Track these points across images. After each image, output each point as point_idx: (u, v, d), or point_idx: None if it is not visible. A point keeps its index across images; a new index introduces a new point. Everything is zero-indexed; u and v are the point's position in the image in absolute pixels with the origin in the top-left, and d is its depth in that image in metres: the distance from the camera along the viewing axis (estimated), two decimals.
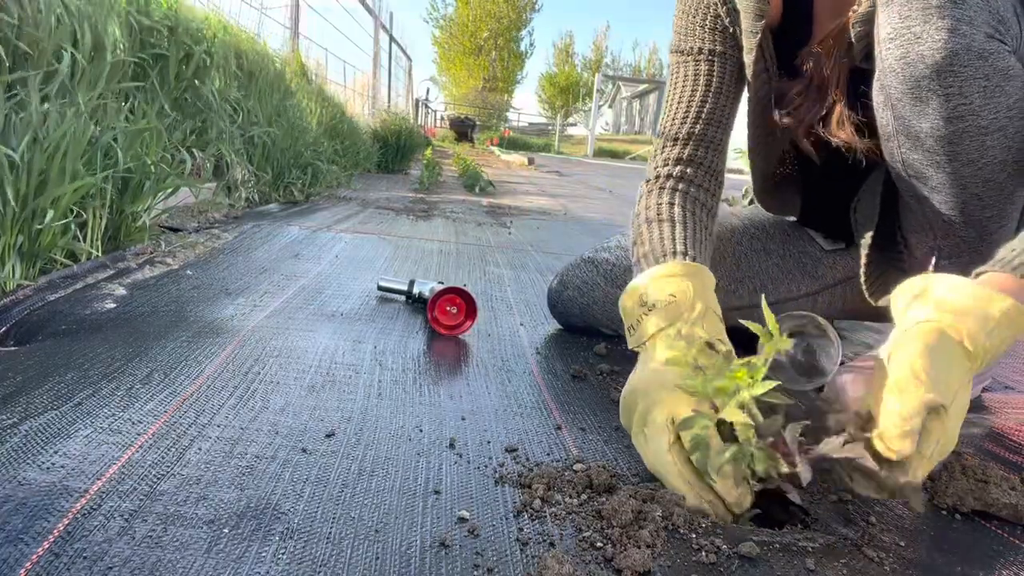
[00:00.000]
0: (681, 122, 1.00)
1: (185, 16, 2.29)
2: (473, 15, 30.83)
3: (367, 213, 2.70)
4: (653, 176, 1.01)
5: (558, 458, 0.73)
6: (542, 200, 4.16)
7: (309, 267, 1.57)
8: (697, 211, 0.96)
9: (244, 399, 0.80)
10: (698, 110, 1.00)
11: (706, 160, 1.00)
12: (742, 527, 0.62)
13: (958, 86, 0.75)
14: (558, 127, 25.40)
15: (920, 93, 0.77)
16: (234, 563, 0.50)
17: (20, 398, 0.73)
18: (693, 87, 1.01)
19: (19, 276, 1.15)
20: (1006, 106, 0.76)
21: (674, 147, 1.01)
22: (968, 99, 0.75)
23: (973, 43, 0.72)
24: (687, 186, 0.98)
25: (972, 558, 0.61)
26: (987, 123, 0.77)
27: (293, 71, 3.95)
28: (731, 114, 1.03)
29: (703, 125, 1.00)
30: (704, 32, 1.00)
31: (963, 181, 0.82)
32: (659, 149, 1.03)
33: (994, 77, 0.74)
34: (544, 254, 2.10)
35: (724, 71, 1.00)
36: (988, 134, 0.77)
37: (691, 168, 0.99)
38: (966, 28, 0.72)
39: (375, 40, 9.36)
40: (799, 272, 1.16)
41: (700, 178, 1.00)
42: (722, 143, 1.02)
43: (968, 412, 0.99)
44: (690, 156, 1.00)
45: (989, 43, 0.73)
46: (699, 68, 1.01)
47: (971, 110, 0.76)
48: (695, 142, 1.00)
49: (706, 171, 1.00)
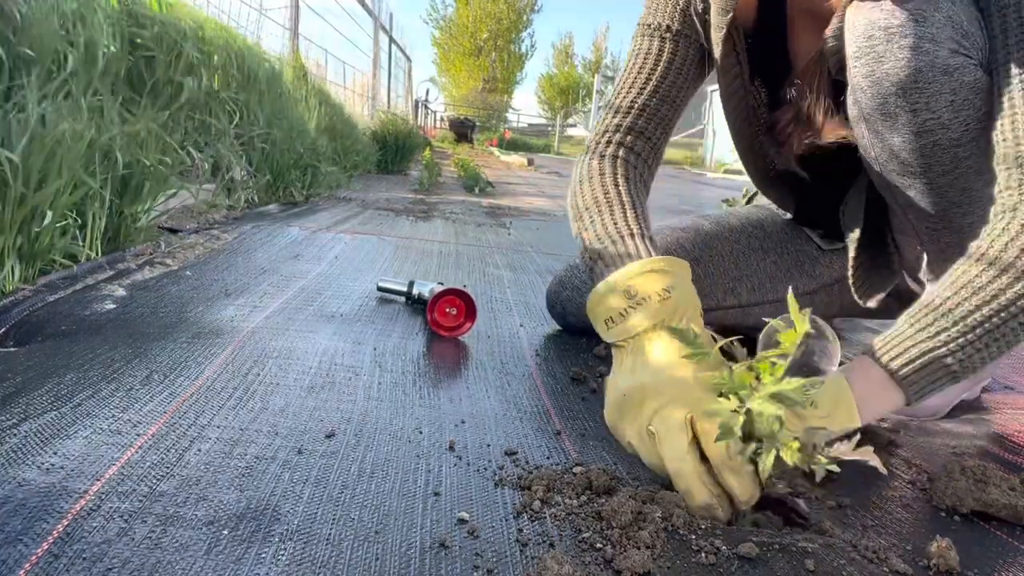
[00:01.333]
0: (636, 93, 0.98)
1: (172, 15, 2.28)
2: (473, 16, 30.84)
3: (367, 214, 2.70)
4: (595, 142, 0.98)
5: (557, 461, 0.73)
6: (542, 201, 4.16)
7: (309, 268, 1.57)
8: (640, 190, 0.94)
9: (244, 400, 0.80)
10: (655, 84, 0.98)
11: (651, 133, 0.98)
12: (742, 528, 0.62)
13: (924, 102, 0.75)
14: (558, 128, 25.42)
15: (888, 109, 0.78)
16: (234, 564, 0.50)
17: (20, 399, 0.73)
18: (654, 61, 0.99)
19: (18, 277, 1.15)
20: (976, 118, 0.76)
21: (623, 116, 0.98)
22: (936, 113, 0.76)
23: (937, 60, 0.73)
24: (627, 154, 0.96)
25: (972, 558, 0.61)
26: (958, 135, 0.77)
27: (293, 72, 3.95)
28: (685, 97, 1.00)
29: (656, 100, 0.98)
30: (675, 12, 0.99)
31: (940, 190, 0.83)
32: (606, 115, 1.00)
33: (961, 91, 0.74)
34: (544, 255, 2.10)
35: (686, 54, 0.99)
36: (960, 146, 0.78)
37: (631, 137, 0.97)
38: (929, 46, 0.72)
39: (375, 41, 9.36)
40: (797, 271, 1.16)
41: (641, 148, 0.97)
42: (670, 122, 1.00)
43: (968, 412, 0.99)
44: (637, 127, 0.97)
45: (953, 58, 0.73)
46: (663, 45, 0.99)
47: (941, 124, 0.76)
48: (646, 115, 0.98)
49: (646, 143, 0.98)
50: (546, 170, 8.62)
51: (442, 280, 1.53)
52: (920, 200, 0.86)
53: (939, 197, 0.84)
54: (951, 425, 0.95)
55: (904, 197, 0.88)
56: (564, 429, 0.81)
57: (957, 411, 0.99)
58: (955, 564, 0.58)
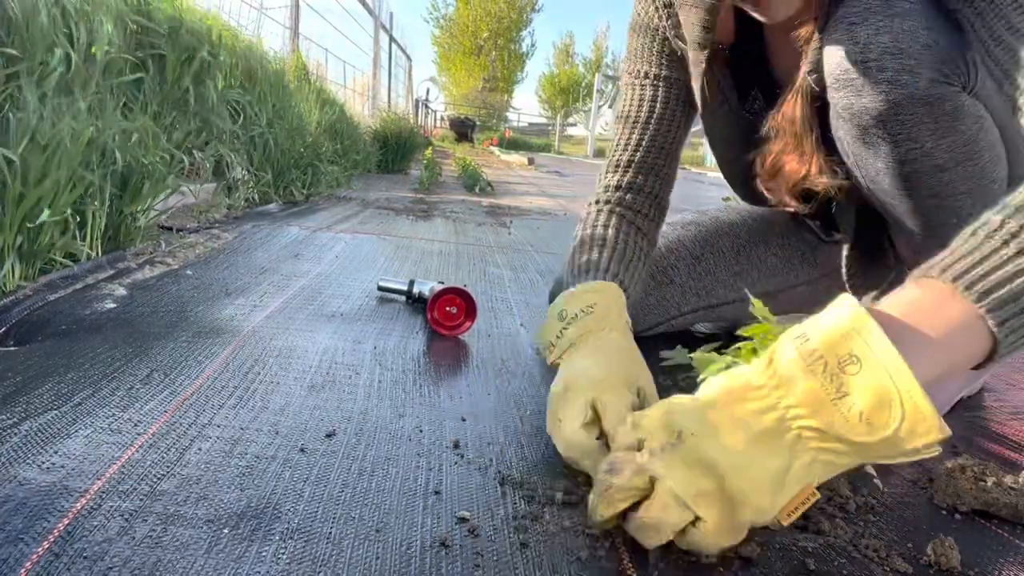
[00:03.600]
0: (623, 148, 1.02)
1: (188, 18, 2.29)
2: (473, 15, 30.83)
3: (367, 213, 2.70)
4: (594, 200, 1.03)
5: (558, 459, 0.73)
6: (542, 200, 4.16)
7: (309, 267, 1.57)
8: (632, 235, 0.97)
9: (244, 399, 0.80)
10: (640, 137, 1.01)
11: (646, 186, 1.01)
12: None
13: (905, 132, 0.74)
14: (558, 127, 25.42)
15: (868, 139, 0.77)
16: (234, 563, 0.50)
17: (20, 398, 0.73)
18: (638, 112, 1.02)
19: (18, 276, 1.15)
20: (962, 143, 0.75)
21: (615, 173, 1.02)
22: (918, 142, 0.74)
23: (916, 91, 0.71)
24: (624, 211, 1.00)
25: (973, 557, 0.61)
26: (942, 161, 0.76)
27: (293, 72, 3.95)
28: (677, 141, 1.03)
29: (644, 152, 1.01)
30: (652, 56, 1.01)
31: (928, 212, 0.82)
32: (603, 173, 1.04)
33: (943, 119, 0.73)
34: (544, 255, 2.10)
35: (669, 97, 1.01)
36: (945, 171, 0.77)
37: (630, 195, 1.01)
38: (907, 78, 0.71)
39: (375, 40, 9.36)
40: (799, 260, 1.16)
41: (639, 204, 1.01)
42: (664, 170, 1.03)
43: (968, 412, 0.99)
44: (630, 183, 1.01)
45: (933, 87, 0.71)
46: (644, 93, 1.02)
47: (924, 152, 0.75)
48: (635, 169, 1.01)
49: (646, 197, 1.01)
50: (546, 169, 8.62)
51: (442, 279, 1.53)
52: (909, 219, 0.86)
53: (927, 218, 0.83)
54: (951, 424, 0.95)
55: (894, 215, 0.88)
56: None
57: (957, 410, 0.99)
58: (956, 563, 0.58)
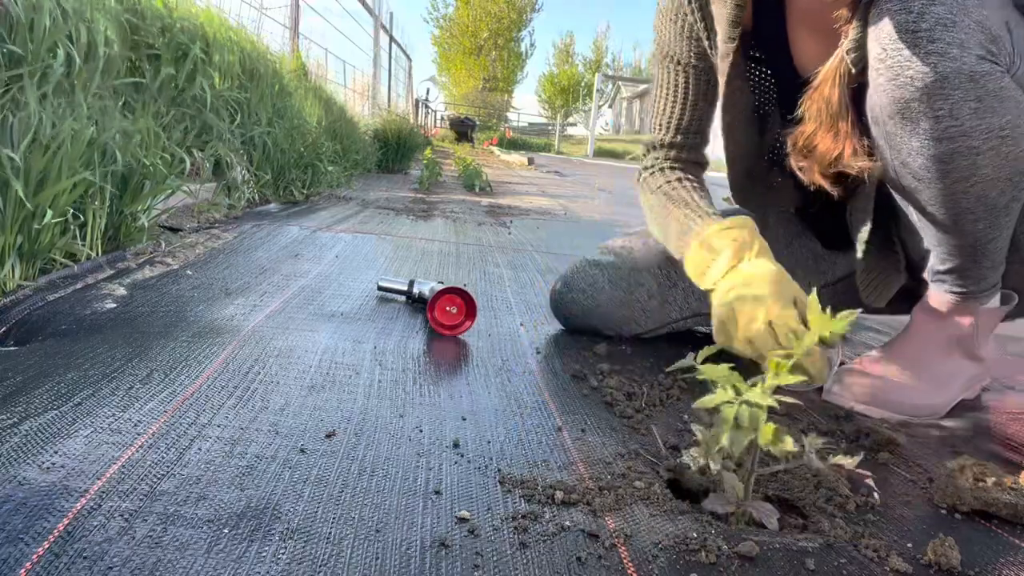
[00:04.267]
0: (665, 129, 1.13)
1: (179, 15, 2.28)
2: (473, 15, 30.81)
3: (367, 213, 2.70)
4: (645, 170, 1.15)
5: (558, 458, 0.73)
6: (542, 200, 4.16)
7: (309, 267, 1.57)
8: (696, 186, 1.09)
9: (244, 399, 0.80)
10: (679, 119, 1.11)
11: (691, 159, 1.14)
12: (741, 527, 0.62)
13: (948, 108, 0.74)
14: (558, 127, 25.40)
15: (909, 114, 0.77)
16: (234, 563, 0.50)
17: (20, 398, 0.73)
18: (675, 94, 1.10)
19: (19, 276, 1.15)
20: (999, 126, 0.75)
21: (660, 150, 1.14)
22: (959, 120, 0.74)
23: (964, 66, 0.71)
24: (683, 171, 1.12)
25: (973, 557, 0.61)
26: (978, 143, 0.76)
27: (293, 71, 3.95)
28: (709, 116, 1.13)
29: (684, 135, 1.12)
30: (681, 41, 1.06)
31: (955, 197, 0.82)
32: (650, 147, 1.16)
33: (986, 99, 0.73)
34: (544, 254, 2.10)
35: (699, 83, 1.09)
36: (980, 154, 0.77)
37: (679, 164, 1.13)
38: (956, 51, 0.71)
39: (375, 40, 9.36)
40: (802, 269, 1.16)
41: (690, 170, 1.13)
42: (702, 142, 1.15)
43: (968, 412, 0.99)
44: (677, 157, 1.13)
45: (980, 65, 0.72)
46: (677, 78, 1.09)
47: (962, 131, 0.75)
48: (679, 148, 1.13)
49: (694, 165, 1.14)
50: (546, 169, 8.62)
51: (442, 279, 1.53)
52: (932, 205, 0.85)
53: (953, 203, 0.83)
54: (951, 424, 0.95)
55: (916, 201, 0.87)
56: (565, 425, 0.81)
57: (957, 410, 0.99)
58: (956, 563, 0.58)
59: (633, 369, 1.04)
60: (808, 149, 0.94)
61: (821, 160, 0.93)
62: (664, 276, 1.14)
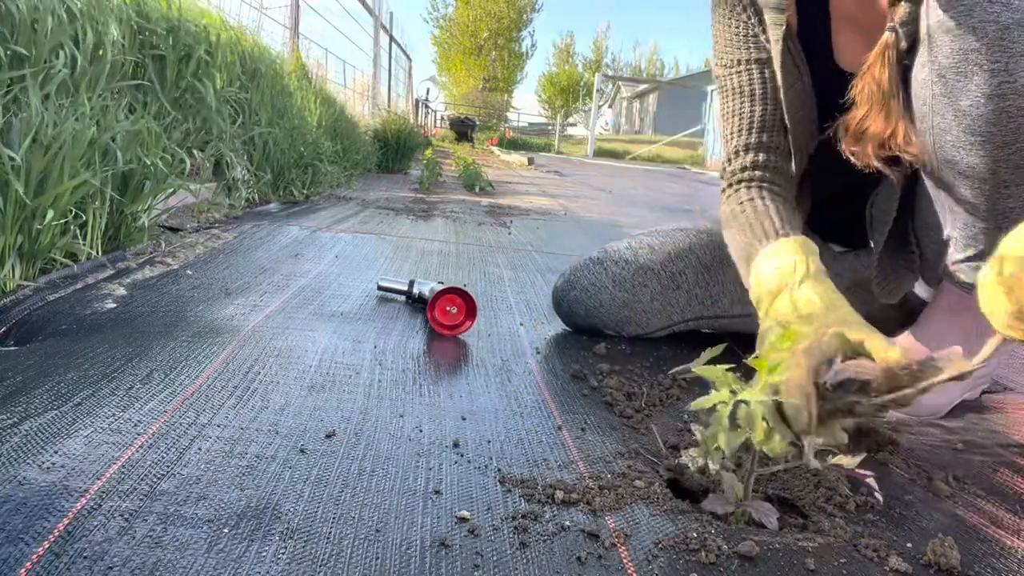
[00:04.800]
0: (737, 135, 1.05)
1: (186, 17, 2.28)
2: (473, 15, 30.82)
3: (367, 213, 2.70)
4: (727, 184, 1.05)
5: (558, 458, 0.73)
6: (542, 200, 4.16)
7: (309, 267, 1.57)
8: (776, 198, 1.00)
9: (244, 399, 0.80)
10: (749, 121, 1.04)
11: (770, 163, 1.04)
12: (741, 527, 0.62)
13: (1004, 62, 0.74)
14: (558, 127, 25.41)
15: (967, 67, 0.77)
16: (234, 563, 0.50)
17: (20, 398, 0.73)
18: (742, 99, 1.05)
19: (19, 276, 1.15)
20: None
21: (738, 158, 1.05)
22: (1013, 76, 0.75)
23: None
24: (758, 184, 1.02)
25: (972, 557, 0.61)
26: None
27: (293, 71, 3.95)
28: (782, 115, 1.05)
29: (757, 134, 1.04)
30: (740, 41, 1.04)
31: (995, 166, 0.81)
32: (727, 162, 1.07)
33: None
34: (544, 254, 2.10)
35: (764, 77, 1.04)
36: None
37: (757, 171, 1.03)
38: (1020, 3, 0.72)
39: (375, 40, 9.36)
40: None
41: (770, 177, 1.03)
42: (782, 145, 1.05)
43: (968, 412, 0.99)
44: (753, 163, 1.04)
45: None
46: (742, 79, 1.05)
47: (1014, 88, 0.76)
48: (755, 150, 1.04)
49: (773, 171, 1.04)
50: (546, 169, 8.62)
51: (442, 279, 1.53)
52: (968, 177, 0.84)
53: (991, 174, 0.82)
54: (951, 424, 0.95)
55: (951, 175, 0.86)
56: (565, 424, 0.81)
57: (957, 411, 0.99)
58: (956, 563, 0.58)
59: (633, 369, 1.04)
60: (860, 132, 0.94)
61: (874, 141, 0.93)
62: (668, 278, 1.14)
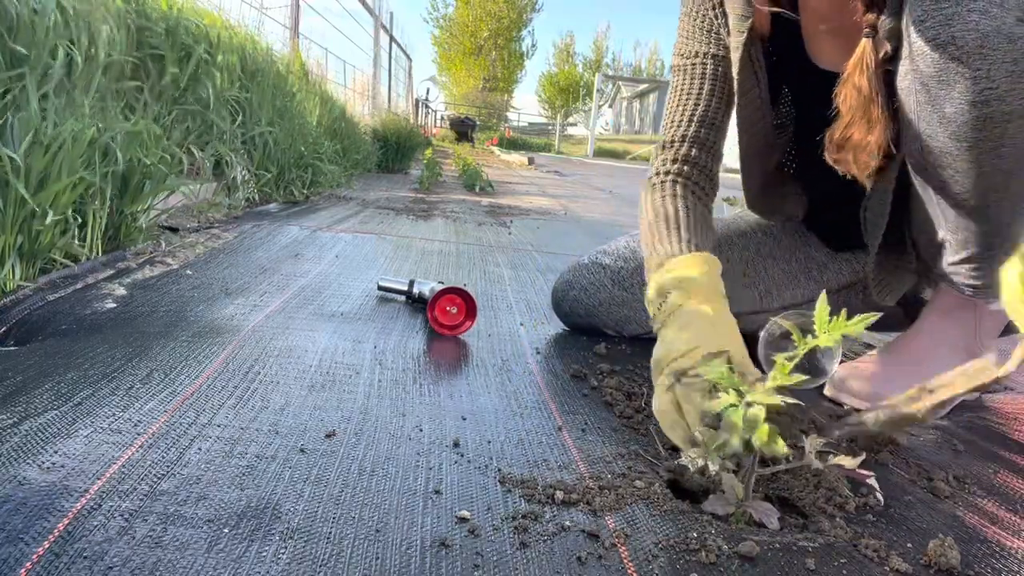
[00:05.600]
0: (677, 125, 1.08)
1: (185, 16, 2.28)
2: (473, 15, 30.82)
3: (367, 213, 2.70)
4: (653, 173, 1.08)
5: (558, 458, 0.73)
6: (542, 200, 4.16)
7: (309, 267, 1.57)
8: (698, 205, 1.03)
9: (244, 399, 0.80)
10: (691, 113, 1.07)
11: (700, 160, 1.07)
12: (741, 527, 0.62)
13: (986, 69, 0.74)
14: (558, 127, 25.41)
15: (948, 76, 0.77)
16: (234, 563, 0.50)
17: (20, 398, 0.73)
18: (689, 90, 1.07)
19: (19, 276, 1.15)
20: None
21: (671, 149, 1.08)
22: (995, 83, 0.75)
23: (1003, 26, 0.72)
24: (684, 182, 1.05)
25: (973, 557, 0.61)
26: (1012, 109, 0.76)
27: (294, 71, 3.95)
28: (725, 117, 1.08)
29: (696, 127, 1.07)
30: (702, 35, 1.05)
31: (982, 170, 0.82)
32: (658, 150, 1.10)
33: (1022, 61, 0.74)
34: (544, 254, 2.10)
35: (717, 74, 1.06)
36: (1011, 121, 0.77)
37: (687, 167, 1.06)
38: (997, 11, 0.72)
39: (375, 40, 9.35)
40: (804, 277, 1.16)
41: (696, 177, 1.06)
42: (715, 145, 1.09)
43: (968, 412, 0.99)
44: (685, 156, 1.07)
45: (1019, 27, 0.72)
46: (695, 71, 1.07)
47: (997, 95, 0.76)
48: (689, 143, 1.07)
49: (700, 171, 1.07)
50: (546, 169, 8.62)
51: (442, 279, 1.53)
52: (957, 181, 0.84)
53: (979, 178, 0.83)
54: (952, 425, 0.95)
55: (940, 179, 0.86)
56: (565, 424, 0.81)
57: (957, 411, 0.99)
58: (956, 563, 0.58)
59: (633, 369, 1.04)
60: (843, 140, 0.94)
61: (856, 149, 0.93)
62: None
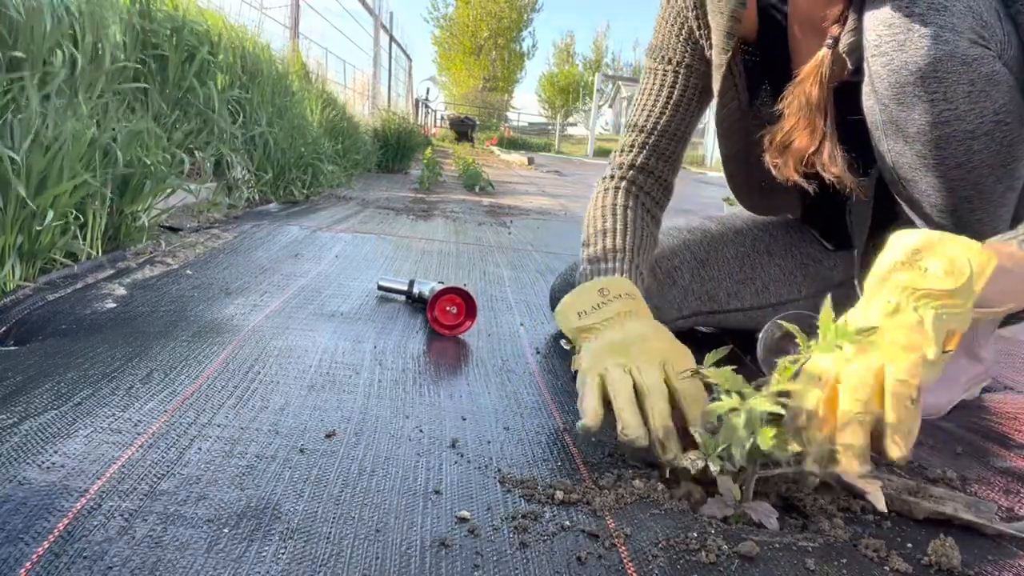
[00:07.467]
0: (639, 130, 1.07)
1: (190, 17, 2.28)
2: (473, 15, 30.82)
3: (367, 213, 2.70)
4: (608, 175, 1.09)
5: (558, 458, 0.73)
6: (542, 200, 4.16)
7: (309, 267, 1.57)
8: (644, 216, 1.03)
9: (244, 399, 0.80)
10: (656, 120, 1.06)
11: (656, 170, 1.08)
12: (741, 527, 0.62)
13: (943, 92, 0.75)
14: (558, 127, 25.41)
15: (905, 99, 0.78)
16: (234, 563, 0.50)
17: (20, 398, 0.73)
18: (657, 96, 1.07)
19: (19, 276, 1.15)
20: (992, 111, 0.76)
21: (630, 153, 1.08)
22: (953, 104, 0.76)
23: (957, 50, 0.73)
24: (637, 191, 1.06)
25: (973, 557, 0.61)
26: (973, 127, 0.77)
27: (294, 71, 3.95)
28: (688, 128, 1.08)
29: (658, 136, 1.06)
30: (678, 43, 1.04)
31: (952, 184, 0.83)
32: (618, 151, 1.10)
33: (979, 82, 0.74)
34: (544, 254, 2.10)
35: (687, 85, 1.05)
36: (975, 138, 0.78)
37: (642, 176, 1.07)
38: (949, 35, 0.73)
39: (375, 40, 9.35)
40: (800, 274, 1.16)
41: (649, 186, 1.07)
42: (675, 155, 1.09)
43: (969, 413, 0.99)
44: (643, 164, 1.07)
45: (973, 49, 0.73)
46: (665, 78, 1.06)
47: (956, 115, 0.76)
48: (648, 151, 1.07)
49: (655, 180, 1.08)
50: (546, 169, 8.62)
51: (442, 279, 1.53)
52: (930, 195, 0.85)
53: (950, 192, 0.83)
54: (952, 425, 0.95)
55: (913, 192, 0.87)
56: (565, 424, 0.81)
57: (957, 411, 0.99)
58: (956, 563, 0.58)
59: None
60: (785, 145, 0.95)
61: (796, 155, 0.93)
62: (664, 274, 1.14)
